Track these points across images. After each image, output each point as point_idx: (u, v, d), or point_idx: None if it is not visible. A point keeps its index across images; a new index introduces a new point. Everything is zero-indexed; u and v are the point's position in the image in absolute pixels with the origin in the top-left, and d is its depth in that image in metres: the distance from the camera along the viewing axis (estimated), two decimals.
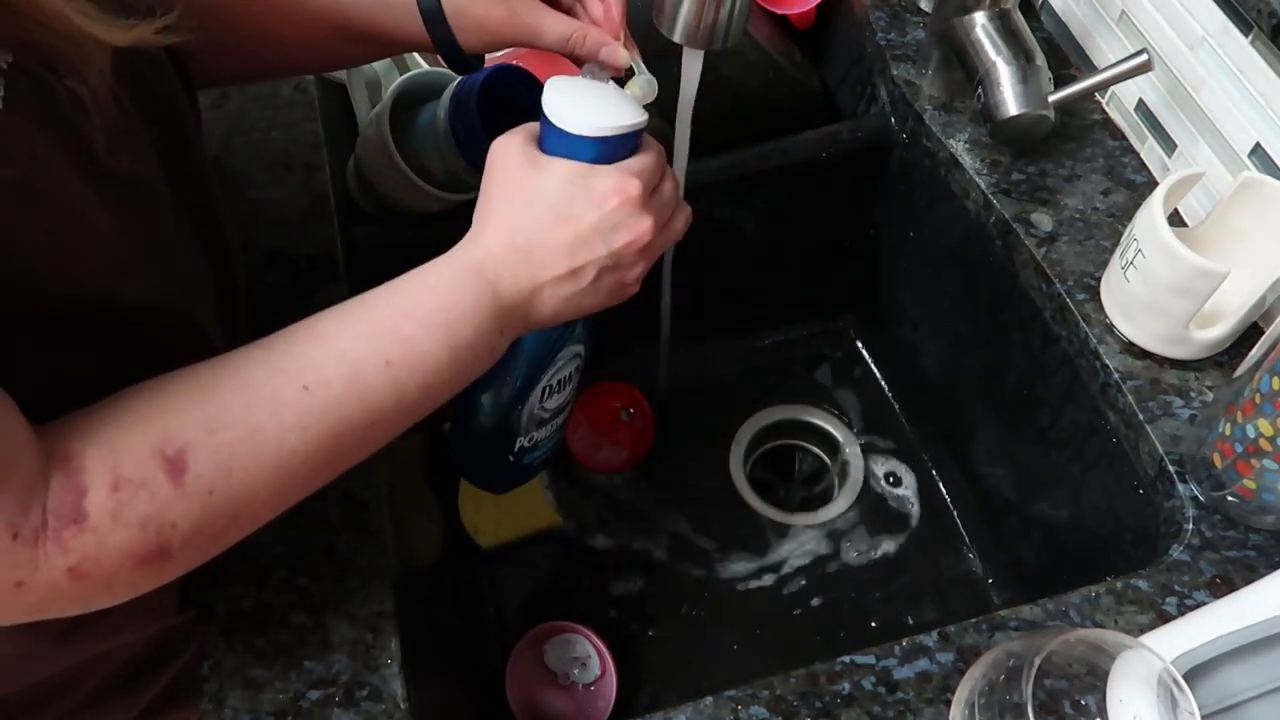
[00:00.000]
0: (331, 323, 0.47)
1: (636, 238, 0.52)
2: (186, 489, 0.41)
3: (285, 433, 0.44)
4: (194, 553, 0.43)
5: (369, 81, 0.87)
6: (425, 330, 0.48)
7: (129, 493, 0.40)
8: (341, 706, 0.54)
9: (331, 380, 0.45)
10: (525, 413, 0.63)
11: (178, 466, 0.41)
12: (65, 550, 0.39)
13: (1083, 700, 0.51)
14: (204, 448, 0.42)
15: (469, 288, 0.50)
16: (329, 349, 0.46)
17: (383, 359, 0.46)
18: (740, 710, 0.54)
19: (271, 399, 0.44)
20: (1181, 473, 0.63)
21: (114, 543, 0.40)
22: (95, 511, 0.40)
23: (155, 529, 0.41)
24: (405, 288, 0.49)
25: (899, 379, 0.99)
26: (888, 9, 0.89)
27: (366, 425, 0.47)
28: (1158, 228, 0.62)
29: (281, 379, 0.44)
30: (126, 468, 0.40)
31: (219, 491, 0.42)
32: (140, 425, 0.41)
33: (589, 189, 0.51)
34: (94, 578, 0.40)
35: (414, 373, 0.47)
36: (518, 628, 0.84)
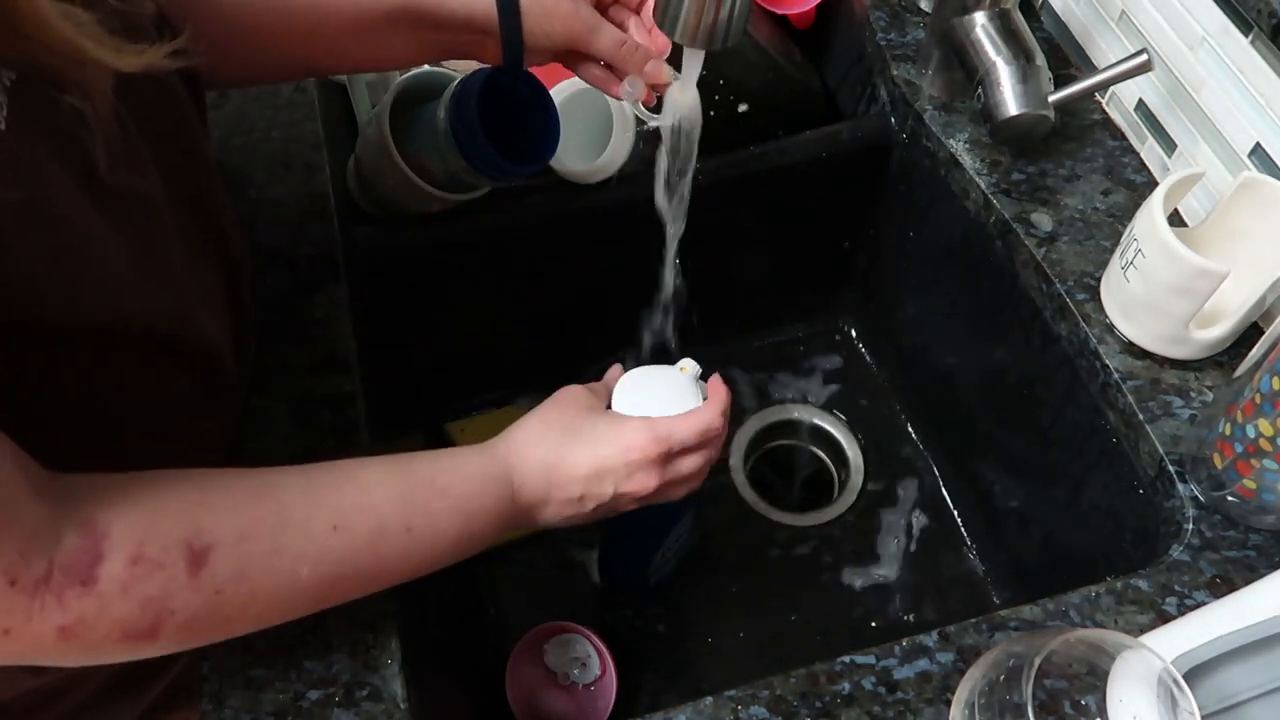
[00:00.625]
0: (375, 474, 0.51)
1: (640, 491, 0.59)
2: (200, 583, 0.43)
3: (301, 562, 0.46)
4: (177, 641, 0.44)
5: (369, 81, 0.87)
6: (449, 510, 0.53)
7: (145, 571, 0.41)
8: (341, 706, 0.54)
9: (358, 529, 0.48)
10: (652, 569, 0.82)
11: (199, 561, 0.43)
12: (64, 608, 0.40)
13: (1083, 700, 0.51)
14: (229, 551, 0.44)
15: (498, 488, 0.55)
16: (364, 499, 0.49)
17: (405, 525, 0.50)
18: (740, 710, 0.54)
19: (301, 529, 0.47)
20: (1181, 473, 0.63)
21: (114, 613, 0.41)
22: (106, 579, 0.40)
23: (156, 612, 0.42)
24: (446, 464, 0.54)
25: (899, 379, 0.99)
26: (888, 9, 0.89)
27: (367, 578, 0.50)
28: (1158, 228, 0.62)
29: (316, 514, 0.47)
30: (151, 548, 0.42)
31: (224, 594, 0.44)
32: (175, 512, 0.43)
33: (621, 438, 0.58)
34: (81, 641, 0.41)
35: (425, 545, 0.52)
36: (518, 628, 0.84)
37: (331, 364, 0.67)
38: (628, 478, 0.58)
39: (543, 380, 0.97)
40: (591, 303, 0.93)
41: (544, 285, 0.90)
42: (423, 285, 0.83)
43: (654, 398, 0.65)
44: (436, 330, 0.89)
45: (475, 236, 0.82)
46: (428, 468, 0.53)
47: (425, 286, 0.84)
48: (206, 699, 0.54)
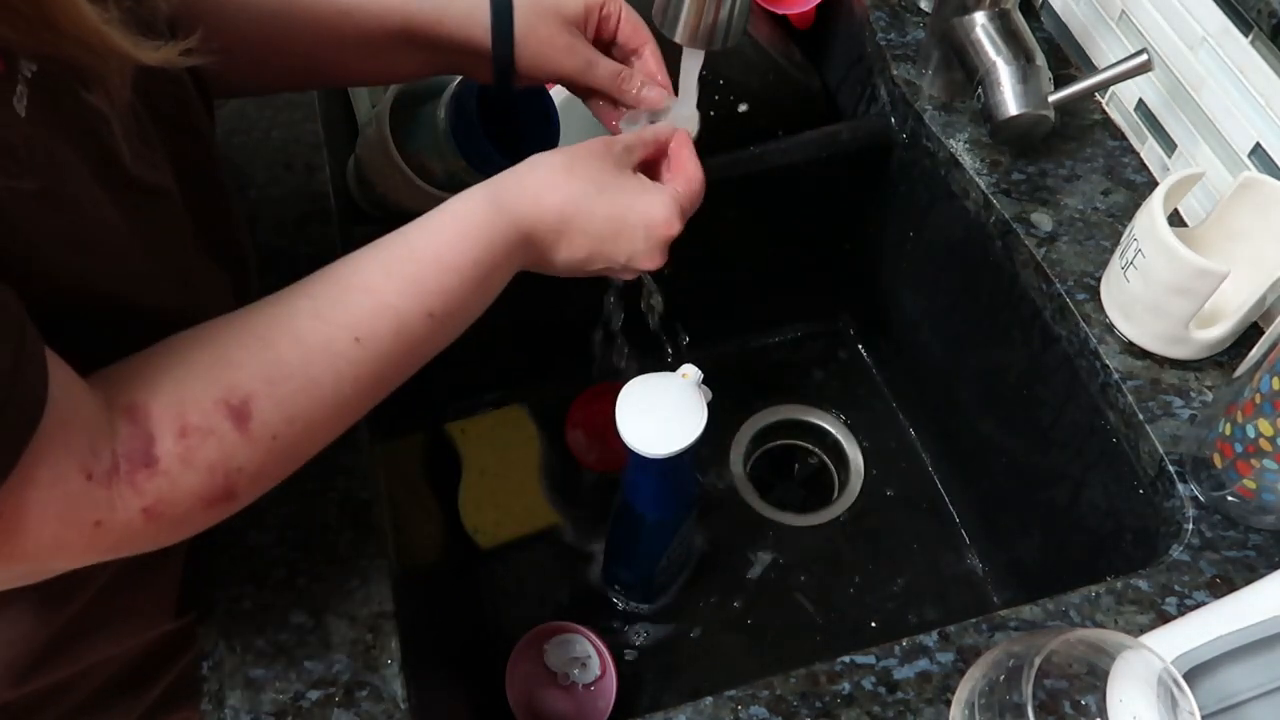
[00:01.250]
0: (377, 274, 0.50)
1: (649, 267, 0.58)
2: (252, 435, 0.44)
3: (341, 382, 0.47)
4: (257, 490, 0.46)
5: None
6: (463, 282, 0.51)
7: (198, 440, 0.42)
8: (341, 706, 0.54)
9: (381, 333, 0.48)
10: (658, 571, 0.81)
11: (243, 416, 0.44)
12: (140, 492, 0.41)
13: (1083, 700, 0.51)
14: (267, 398, 0.45)
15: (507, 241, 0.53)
16: (377, 302, 0.49)
17: (426, 311, 0.50)
18: (740, 710, 0.54)
19: (326, 352, 0.47)
20: (1181, 473, 0.63)
21: (185, 485, 0.42)
22: (165, 457, 0.42)
23: (224, 473, 0.43)
24: (449, 234, 0.52)
25: (899, 379, 0.99)
26: (888, 9, 0.89)
27: (407, 367, 0.51)
28: (1158, 228, 0.62)
29: (335, 332, 0.47)
30: (193, 417, 0.43)
31: (282, 438, 0.45)
32: (203, 376, 0.44)
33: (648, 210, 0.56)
34: (167, 517, 0.43)
35: (449, 320, 0.51)
36: (518, 628, 0.84)
37: None
38: (644, 251, 0.57)
39: (543, 380, 0.98)
40: (591, 302, 0.93)
41: (544, 285, 0.89)
42: None
43: (657, 406, 0.65)
44: None
45: None
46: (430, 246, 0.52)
47: None
48: (206, 699, 0.55)
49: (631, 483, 0.73)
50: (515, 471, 0.92)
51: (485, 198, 0.54)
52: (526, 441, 0.94)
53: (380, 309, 0.49)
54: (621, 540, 0.80)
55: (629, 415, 0.65)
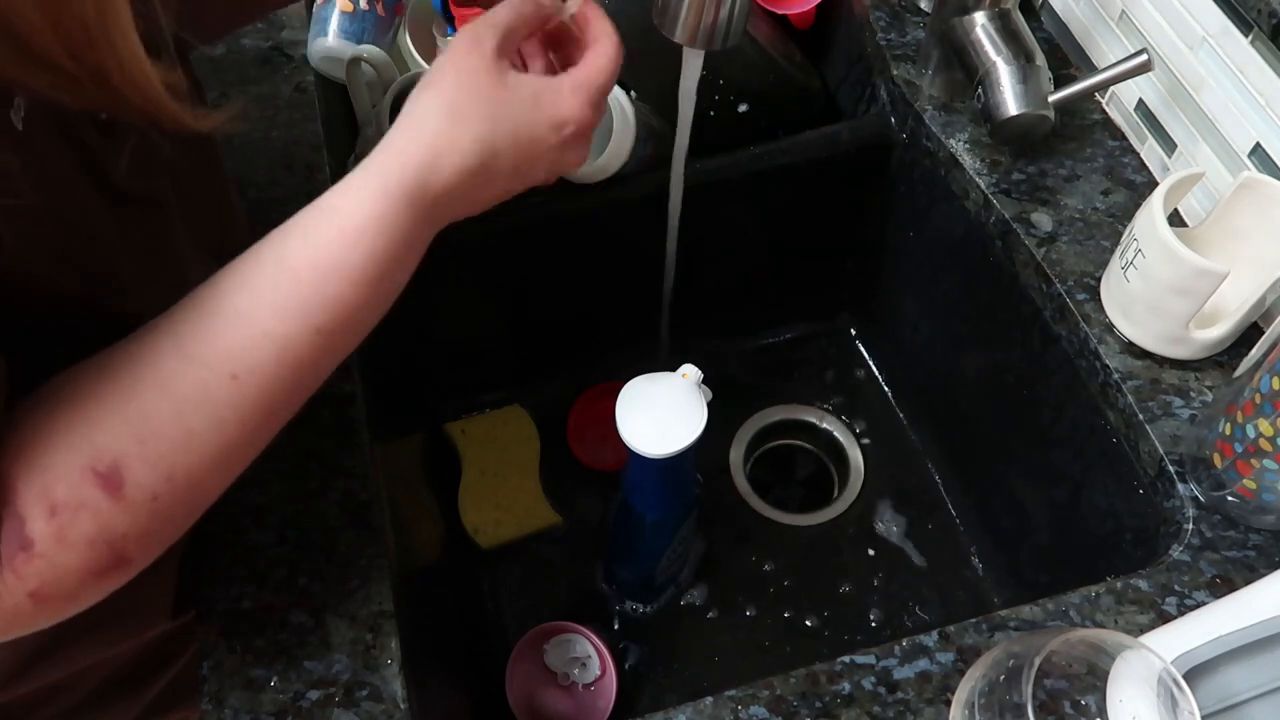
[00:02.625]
0: (244, 297, 0.43)
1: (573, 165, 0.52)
2: (129, 501, 0.40)
3: (223, 428, 0.42)
4: (152, 552, 0.42)
5: (369, 81, 0.87)
6: (353, 285, 0.44)
7: (69, 516, 0.39)
8: (341, 706, 0.54)
9: (261, 364, 0.42)
10: (658, 571, 0.81)
11: (114, 482, 0.39)
12: (21, 577, 0.38)
13: (1083, 700, 0.51)
14: (139, 460, 0.40)
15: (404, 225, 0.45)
16: (251, 329, 0.42)
17: (312, 328, 0.43)
18: (740, 710, 0.54)
19: (200, 399, 0.41)
20: (1181, 473, 0.63)
21: (66, 564, 0.39)
22: (40, 539, 0.38)
23: (106, 544, 0.40)
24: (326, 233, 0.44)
25: (899, 379, 0.99)
26: (888, 9, 0.89)
27: (303, 390, 0.45)
28: (1158, 228, 0.62)
29: (206, 374, 0.41)
30: (59, 492, 0.39)
31: (164, 496, 0.41)
32: (66, 443, 0.39)
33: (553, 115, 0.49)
34: (56, 598, 0.40)
35: (346, 330, 0.45)
36: (518, 628, 0.84)
37: None
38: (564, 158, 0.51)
39: (543, 380, 0.98)
40: (591, 302, 0.93)
41: (544, 285, 0.90)
42: (423, 285, 0.83)
43: (657, 407, 0.65)
44: (436, 330, 0.89)
45: (475, 237, 0.82)
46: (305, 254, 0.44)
47: (425, 286, 0.83)
48: (206, 699, 0.55)
49: (631, 483, 0.73)
50: (515, 471, 0.92)
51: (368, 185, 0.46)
52: (526, 441, 0.94)
53: (255, 338, 0.42)
54: (621, 540, 0.80)
55: (629, 415, 0.65)
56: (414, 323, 0.87)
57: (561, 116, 0.50)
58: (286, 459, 0.63)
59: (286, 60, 0.85)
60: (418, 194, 0.46)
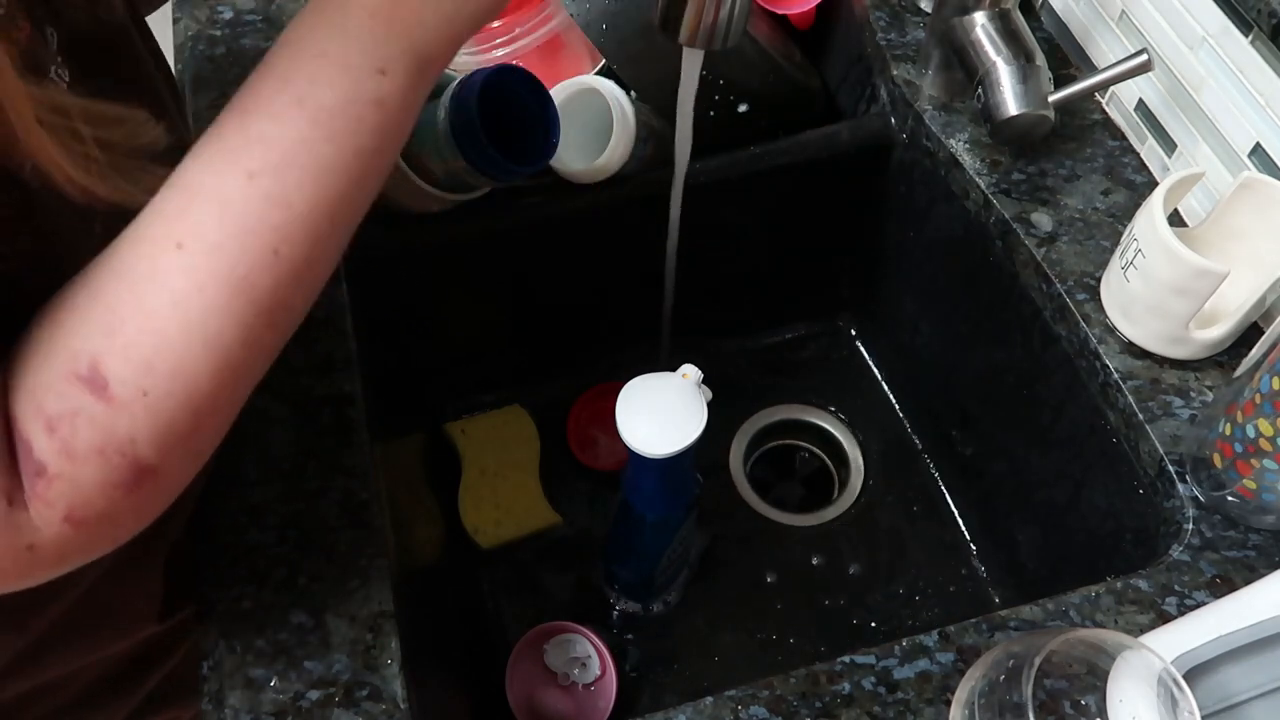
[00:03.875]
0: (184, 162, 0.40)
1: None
2: (119, 400, 0.38)
3: (182, 304, 0.39)
4: (175, 457, 0.40)
5: None
6: (272, 117, 0.40)
7: (67, 427, 0.38)
8: (341, 706, 0.54)
9: (202, 225, 0.39)
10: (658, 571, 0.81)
11: (97, 383, 0.38)
12: (49, 503, 0.38)
13: (1083, 700, 0.51)
14: (111, 353, 0.38)
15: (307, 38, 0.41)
16: (185, 189, 0.40)
17: (244, 173, 0.39)
18: (740, 710, 0.54)
19: (151, 274, 0.39)
20: (1181, 473, 0.63)
21: (85, 479, 0.38)
22: (48, 458, 0.38)
23: (116, 451, 0.38)
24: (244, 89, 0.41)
25: (899, 379, 0.99)
26: (888, 9, 0.89)
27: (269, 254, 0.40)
28: (1158, 228, 0.62)
29: (151, 248, 0.39)
30: (50, 405, 0.38)
31: (153, 389, 0.38)
32: (46, 355, 0.38)
33: None
34: (92, 520, 0.39)
35: (285, 171, 0.40)
36: (518, 628, 0.84)
37: (331, 364, 0.67)
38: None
39: (543, 380, 0.98)
40: (591, 302, 0.93)
41: (544, 285, 0.90)
42: (423, 285, 0.83)
43: (657, 406, 0.65)
44: (436, 330, 0.89)
45: (475, 236, 0.82)
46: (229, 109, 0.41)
47: (425, 286, 0.84)
48: (206, 698, 0.55)
49: (631, 483, 0.73)
50: (515, 471, 0.92)
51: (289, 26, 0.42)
52: (526, 441, 0.94)
53: (188, 197, 0.39)
54: (621, 540, 0.80)
55: (629, 415, 0.65)
56: (414, 323, 0.87)
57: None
58: (286, 459, 0.63)
59: None
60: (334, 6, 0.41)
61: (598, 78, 0.80)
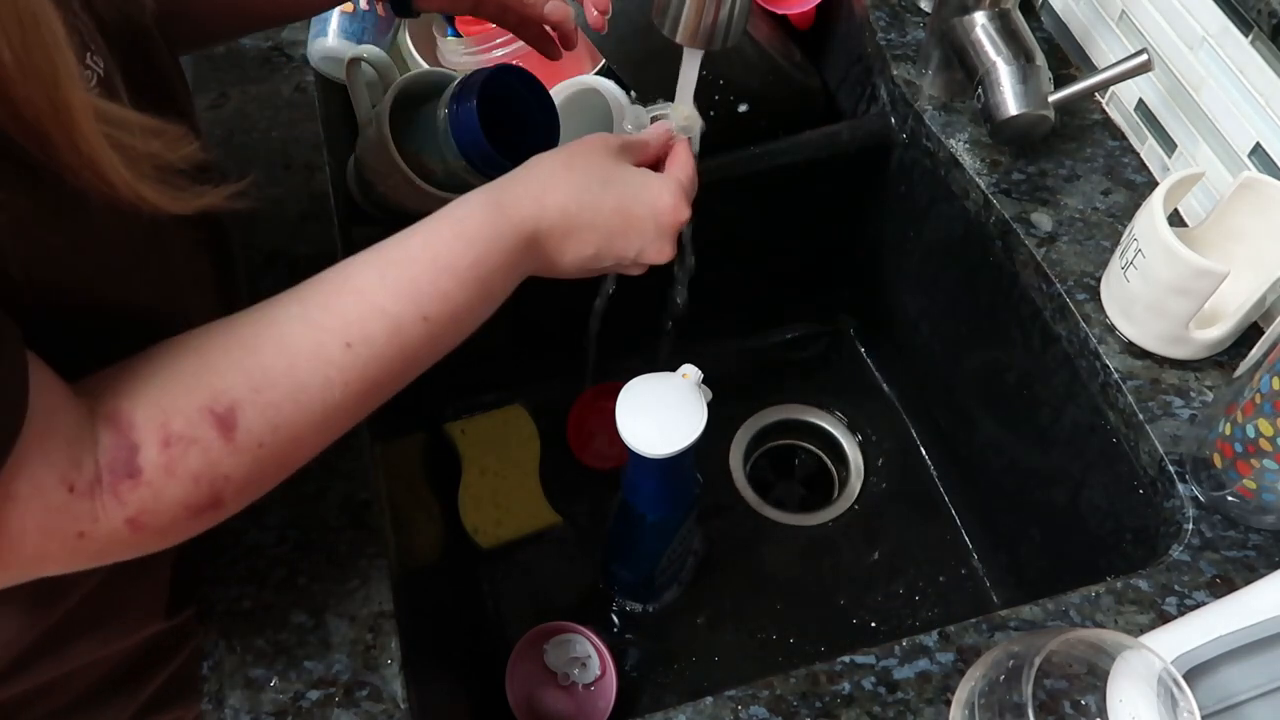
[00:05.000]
0: (371, 276, 0.48)
1: (659, 255, 0.56)
2: (238, 444, 0.43)
3: (330, 389, 0.46)
4: (244, 499, 0.45)
5: (369, 81, 0.87)
6: (461, 285, 0.50)
7: (181, 449, 0.42)
8: (341, 706, 0.54)
9: (374, 336, 0.47)
10: (658, 571, 0.81)
11: (228, 424, 0.43)
12: (123, 503, 0.41)
13: (1083, 700, 0.51)
14: (252, 406, 0.43)
15: (508, 243, 0.51)
16: (369, 305, 0.47)
17: (421, 315, 0.48)
18: (740, 710, 0.54)
19: (314, 358, 0.45)
20: (1181, 473, 0.63)
21: (169, 495, 0.42)
22: (149, 467, 0.41)
23: (209, 482, 0.43)
24: (445, 234, 0.50)
25: (899, 379, 0.99)
26: (888, 9, 0.89)
27: (404, 372, 0.49)
28: (1158, 228, 0.62)
29: (324, 337, 0.46)
30: (177, 425, 0.42)
31: (268, 445, 0.44)
32: (187, 383, 0.43)
33: (655, 198, 0.55)
34: (152, 528, 0.42)
35: (449, 324, 0.50)
36: (518, 628, 0.84)
37: None
38: (654, 241, 0.56)
39: (542, 380, 0.98)
40: (591, 302, 0.93)
41: (543, 285, 0.89)
42: None
43: (657, 406, 0.65)
44: None
45: None
46: (424, 247, 0.50)
47: None
48: (206, 699, 0.55)
49: (631, 483, 0.73)
50: (515, 471, 0.92)
51: (485, 200, 0.52)
52: (526, 441, 0.94)
53: (372, 312, 0.47)
54: (621, 540, 0.80)
55: (629, 415, 0.65)
56: None
57: (660, 201, 0.56)
58: None
59: (286, 60, 0.85)
60: (522, 218, 0.52)
61: (598, 78, 0.80)
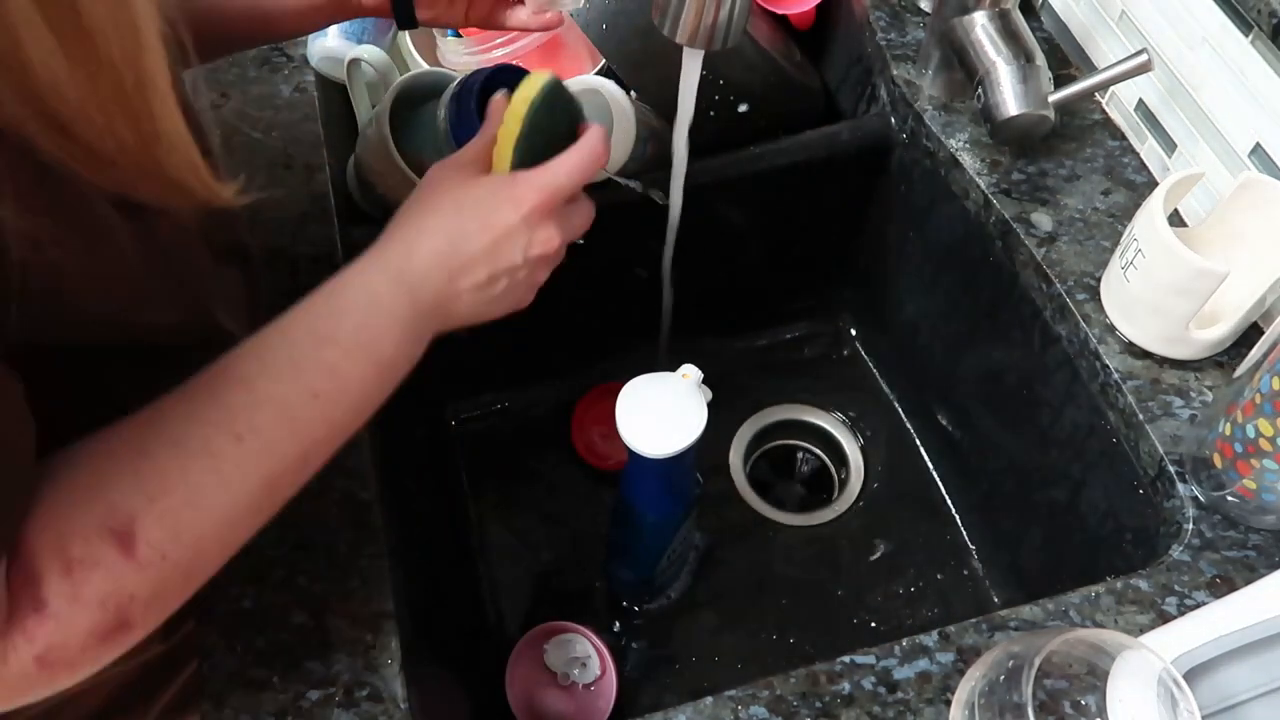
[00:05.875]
0: (252, 364, 0.46)
1: (546, 249, 0.54)
2: (140, 560, 0.41)
3: (227, 487, 0.43)
4: (154, 617, 0.43)
5: (369, 81, 0.87)
6: (346, 354, 0.48)
7: (83, 573, 0.39)
8: (341, 706, 0.54)
9: (262, 426, 0.44)
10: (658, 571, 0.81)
11: (127, 539, 0.40)
12: (31, 639, 0.38)
13: (1083, 700, 0.51)
14: (148, 514, 0.41)
15: (386, 301, 0.50)
16: (254, 394, 0.45)
17: (310, 393, 0.46)
18: (740, 710, 0.54)
19: (205, 454, 0.43)
20: (1181, 473, 0.63)
21: (76, 625, 0.39)
22: (54, 598, 0.39)
23: (115, 605, 0.40)
24: (321, 308, 0.49)
25: (899, 379, 0.99)
26: (888, 9, 0.89)
27: (301, 459, 0.46)
28: (1158, 228, 0.62)
29: (211, 431, 0.43)
30: (76, 549, 0.39)
31: (171, 557, 0.42)
32: (83, 502, 0.40)
33: (512, 196, 0.53)
34: (61, 663, 0.40)
35: (342, 398, 0.47)
36: (518, 628, 0.84)
37: None
38: (531, 238, 0.53)
39: (542, 380, 0.98)
40: (591, 302, 0.93)
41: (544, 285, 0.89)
42: None
43: (657, 407, 0.65)
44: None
45: None
46: (304, 322, 0.48)
47: None
48: (207, 699, 0.55)
49: (631, 482, 0.73)
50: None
51: (358, 267, 0.51)
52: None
53: (259, 400, 0.45)
54: (622, 540, 0.80)
55: (629, 415, 0.65)
56: None
57: (519, 195, 0.53)
58: None
59: (286, 60, 0.85)
60: (399, 274, 0.51)
61: (598, 78, 0.80)
